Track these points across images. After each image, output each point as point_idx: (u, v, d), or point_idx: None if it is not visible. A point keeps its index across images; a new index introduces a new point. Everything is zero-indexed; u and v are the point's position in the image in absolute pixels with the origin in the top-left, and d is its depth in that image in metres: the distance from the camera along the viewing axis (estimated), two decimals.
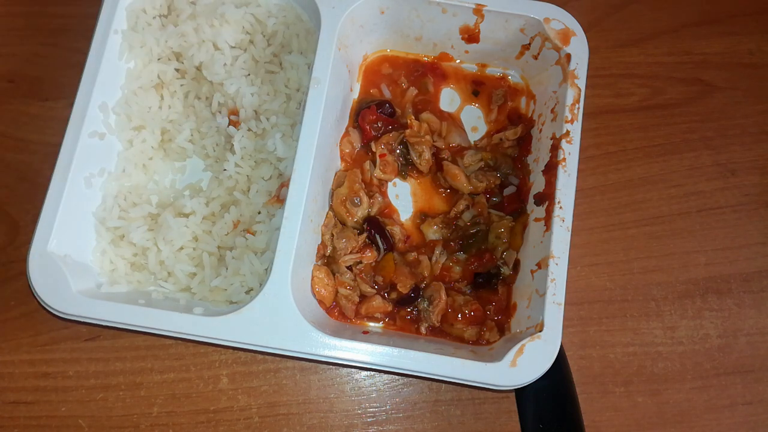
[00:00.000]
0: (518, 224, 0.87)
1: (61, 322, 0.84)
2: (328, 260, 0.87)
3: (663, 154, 0.96)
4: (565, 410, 0.79)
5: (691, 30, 1.02)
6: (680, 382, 0.87)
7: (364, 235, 0.87)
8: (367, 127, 0.92)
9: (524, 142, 0.92)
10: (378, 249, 0.87)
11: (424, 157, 0.90)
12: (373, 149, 0.91)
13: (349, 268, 0.87)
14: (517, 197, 0.89)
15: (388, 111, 0.93)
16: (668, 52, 1.01)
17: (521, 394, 0.80)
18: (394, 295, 0.86)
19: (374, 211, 0.89)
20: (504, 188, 0.91)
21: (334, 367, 0.87)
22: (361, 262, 0.87)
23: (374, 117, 0.92)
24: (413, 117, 0.92)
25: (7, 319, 0.88)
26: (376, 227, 0.87)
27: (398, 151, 0.92)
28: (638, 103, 0.99)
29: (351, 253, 0.86)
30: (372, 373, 0.87)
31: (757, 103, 0.99)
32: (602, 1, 1.04)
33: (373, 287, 0.86)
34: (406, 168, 0.92)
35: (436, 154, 0.92)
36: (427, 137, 0.91)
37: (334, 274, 0.85)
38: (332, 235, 0.87)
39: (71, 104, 0.81)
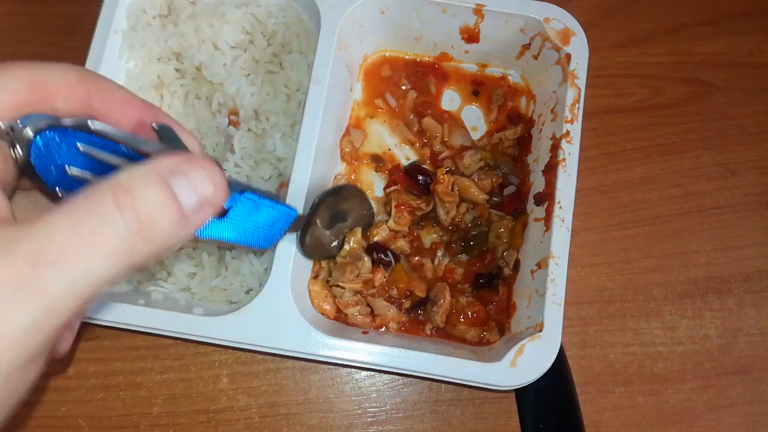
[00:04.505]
0: (518, 224, 0.87)
1: None
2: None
3: (663, 154, 0.96)
4: (565, 410, 0.79)
5: (691, 30, 1.02)
6: (680, 382, 0.87)
7: (368, 262, 0.84)
8: (393, 181, 0.92)
9: (524, 142, 0.92)
10: (386, 266, 0.86)
11: (450, 215, 0.88)
12: (393, 200, 0.89)
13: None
14: (517, 197, 0.89)
15: (422, 183, 0.90)
16: (668, 52, 1.01)
17: (521, 394, 0.80)
18: (407, 304, 0.85)
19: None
20: (504, 188, 0.91)
21: (334, 367, 0.87)
22: (374, 287, 0.85)
23: (404, 178, 0.91)
24: (443, 170, 0.89)
25: None
26: (379, 250, 0.86)
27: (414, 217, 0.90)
28: (638, 103, 0.99)
29: (356, 280, 0.83)
30: (372, 373, 0.87)
31: (757, 103, 0.99)
32: (602, 1, 1.04)
33: (388, 301, 0.85)
34: (420, 222, 0.90)
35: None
36: (455, 195, 0.88)
37: (334, 296, 0.84)
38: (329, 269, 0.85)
39: None
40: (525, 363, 0.73)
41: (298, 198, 0.79)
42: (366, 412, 0.85)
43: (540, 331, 0.75)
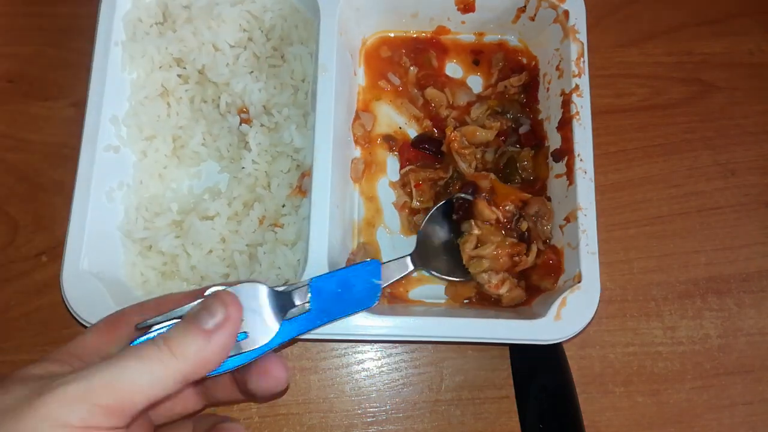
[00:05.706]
0: (540, 155, 0.88)
1: (61, 322, 0.84)
2: None
3: (663, 154, 0.96)
4: (565, 410, 0.79)
5: (691, 30, 1.02)
6: (680, 382, 0.87)
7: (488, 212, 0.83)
8: (406, 159, 0.92)
9: (530, 90, 0.93)
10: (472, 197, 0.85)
11: (473, 165, 0.89)
12: (411, 181, 0.90)
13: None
14: (532, 135, 0.90)
15: (433, 150, 0.92)
16: (668, 52, 1.01)
17: (521, 394, 0.80)
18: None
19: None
20: (518, 130, 0.91)
21: (334, 367, 0.87)
22: (499, 220, 0.84)
23: (415, 154, 0.92)
24: (450, 129, 0.90)
25: (7, 319, 0.88)
26: (461, 194, 0.85)
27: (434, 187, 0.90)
28: (638, 103, 0.99)
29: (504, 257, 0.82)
30: (372, 373, 0.87)
31: (757, 103, 0.99)
32: (602, 1, 1.04)
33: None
34: (445, 192, 0.90)
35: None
36: (469, 145, 0.89)
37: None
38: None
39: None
40: (569, 314, 0.75)
41: (323, 185, 0.79)
42: (366, 412, 0.85)
43: (579, 281, 0.76)
